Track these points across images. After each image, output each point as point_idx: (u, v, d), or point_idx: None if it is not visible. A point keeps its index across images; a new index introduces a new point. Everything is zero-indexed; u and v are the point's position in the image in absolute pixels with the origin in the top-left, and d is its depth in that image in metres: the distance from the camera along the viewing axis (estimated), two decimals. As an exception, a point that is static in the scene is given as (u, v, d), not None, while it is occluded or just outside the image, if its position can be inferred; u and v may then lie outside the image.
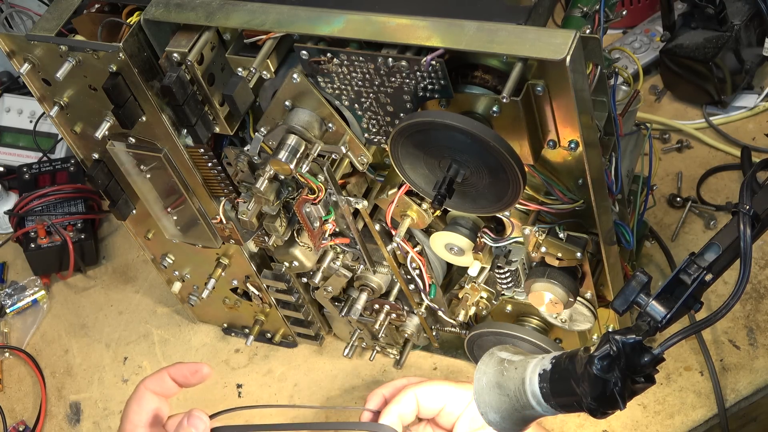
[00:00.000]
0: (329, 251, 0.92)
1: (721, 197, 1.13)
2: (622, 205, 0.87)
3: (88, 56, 0.76)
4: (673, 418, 0.95)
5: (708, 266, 0.67)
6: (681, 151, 1.20)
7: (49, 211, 1.24)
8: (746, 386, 0.96)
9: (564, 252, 0.80)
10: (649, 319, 0.66)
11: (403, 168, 0.74)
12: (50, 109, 0.82)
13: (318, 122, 0.75)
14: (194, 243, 0.96)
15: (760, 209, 0.67)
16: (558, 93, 0.67)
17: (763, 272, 1.05)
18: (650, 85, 1.27)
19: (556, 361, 0.69)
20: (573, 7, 0.77)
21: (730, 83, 1.18)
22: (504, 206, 0.73)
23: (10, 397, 1.14)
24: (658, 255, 1.09)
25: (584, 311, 0.87)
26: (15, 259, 1.28)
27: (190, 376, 0.80)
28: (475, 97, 0.69)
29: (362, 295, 0.94)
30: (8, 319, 1.22)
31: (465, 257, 0.85)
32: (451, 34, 0.66)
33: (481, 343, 0.95)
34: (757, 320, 1.01)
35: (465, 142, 0.67)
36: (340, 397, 0.80)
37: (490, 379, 0.72)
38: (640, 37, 1.30)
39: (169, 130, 0.81)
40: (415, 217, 0.82)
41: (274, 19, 0.72)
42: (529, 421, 0.72)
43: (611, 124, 0.80)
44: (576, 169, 0.73)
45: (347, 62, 0.70)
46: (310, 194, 0.80)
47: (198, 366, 0.80)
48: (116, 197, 0.91)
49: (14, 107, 1.40)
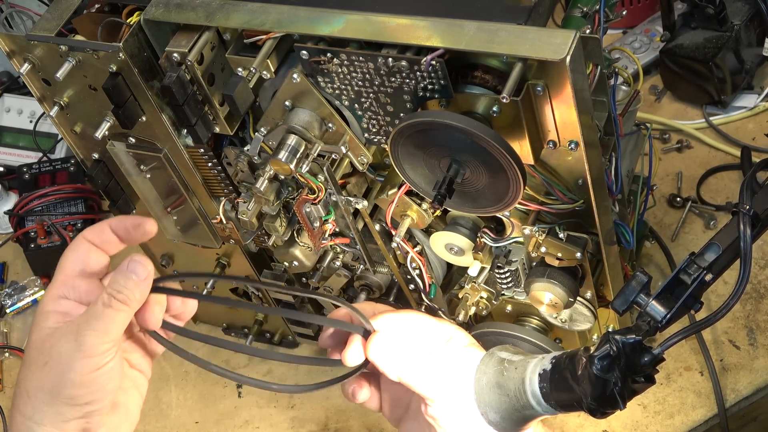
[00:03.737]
0: (329, 251, 0.92)
1: (721, 197, 1.13)
2: (622, 205, 0.87)
3: (88, 56, 0.76)
4: (673, 418, 0.95)
5: (708, 266, 0.67)
6: (681, 151, 1.20)
7: (49, 211, 1.24)
8: (746, 386, 0.96)
9: (564, 252, 0.80)
10: (649, 319, 0.66)
11: (403, 168, 0.74)
12: (50, 109, 0.82)
13: (318, 122, 0.75)
14: (194, 243, 0.96)
15: (760, 209, 0.67)
16: (558, 93, 0.67)
17: (763, 272, 1.05)
18: (650, 85, 1.27)
19: (556, 361, 0.69)
20: (573, 7, 0.77)
21: (730, 83, 1.18)
22: (504, 206, 0.73)
23: (10, 397, 1.14)
24: (658, 255, 1.09)
25: (584, 311, 0.87)
26: (15, 259, 1.28)
27: (132, 230, 0.72)
28: (475, 97, 0.69)
29: (362, 295, 0.94)
30: (8, 319, 1.22)
31: (465, 257, 0.85)
32: (451, 34, 0.66)
33: (481, 343, 0.95)
34: (757, 320, 1.01)
35: (465, 142, 0.67)
36: (340, 397, 0.80)
37: (490, 378, 0.72)
38: (640, 37, 1.30)
39: (169, 130, 0.81)
40: (415, 217, 0.82)
41: (274, 19, 0.72)
42: (529, 421, 0.72)
43: (611, 124, 0.80)
44: (576, 169, 0.73)
45: (347, 62, 0.70)
46: (310, 194, 0.80)
47: (140, 219, 0.73)
48: (116, 197, 0.91)
49: (14, 107, 1.40)
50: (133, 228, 0.72)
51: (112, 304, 0.67)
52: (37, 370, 0.68)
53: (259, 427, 1.06)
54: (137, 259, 0.69)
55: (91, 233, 0.72)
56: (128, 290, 0.68)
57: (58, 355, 0.67)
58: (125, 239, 0.73)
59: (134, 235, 0.73)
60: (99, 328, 0.67)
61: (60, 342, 0.67)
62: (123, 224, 0.72)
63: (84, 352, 0.66)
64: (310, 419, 1.04)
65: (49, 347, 0.68)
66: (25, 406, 0.68)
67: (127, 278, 0.68)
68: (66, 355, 0.67)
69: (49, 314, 0.70)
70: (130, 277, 0.68)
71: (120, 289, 0.68)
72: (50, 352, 0.68)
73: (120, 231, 0.73)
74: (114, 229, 0.72)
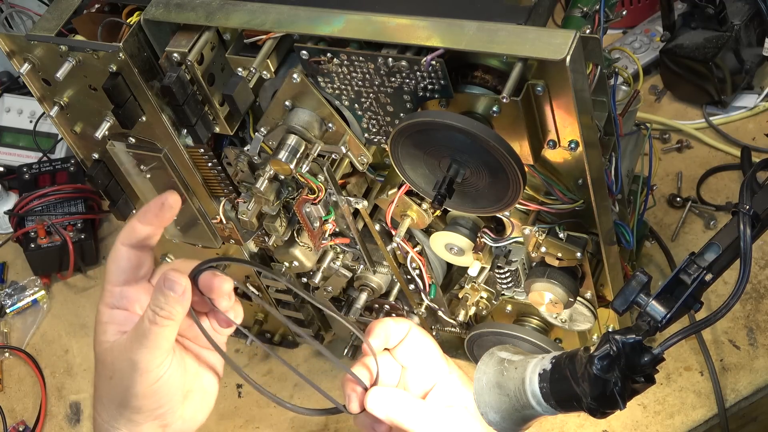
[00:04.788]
0: (329, 251, 0.92)
1: (721, 197, 1.13)
2: (622, 205, 0.87)
3: (88, 56, 0.76)
4: (673, 418, 0.95)
5: (708, 266, 0.67)
6: (681, 151, 1.20)
7: (49, 211, 1.24)
8: (746, 386, 0.96)
9: (564, 252, 0.80)
10: (649, 319, 0.66)
11: (403, 168, 0.74)
12: (50, 109, 0.82)
13: (318, 122, 0.75)
14: (194, 243, 0.96)
15: (760, 209, 0.67)
16: (558, 93, 0.67)
17: (763, 272, 1.05)
18: (650, 85, 1.27)
19: (556, 361, 0.69)
20: (573, 7, 0.77)
21: (730, 83, 1.18)
22: (504, 206, 0.73)
23: (10, 397, 1.14)
24: (658, 255, 1.09)
25: (584, 311, 0.87)
26: (15, 259, 1.29)
27: (159, 213, 0.74)
28: (475, 97, 0.69)
29: (362, 295, 0.94)
30: (8, 319, 1.22)
31: (465, 257, 0.85)
32: (451, 34, 0.66)
33: (481, 343, 0.95)
34: (757, 320, 1.01)
35: (465, 142, 0.67)
36: (340, 397, 0.80)
37: (490, 378, 0.72)
38: (640, 37, 1.30)
39: (169, 130, 0.80)
40: (415, 217, 0.82)
41: (274, 19, 0.72)
42: (529, 421, 0.72)
43: (611, 124, 0.80)
44: (576, 169, 0.73)
45: (347, 62, 0.70)
46: (310, 194, 0.80)
47: (162, 198, 0.74)
48: (116, 197, 0.91)
49: (14, 107, 1.40)
50: (159, 211, 0.74)
51: (157, 321, 0.70)
52: (105, 383, 0.73)
53: (259, 427, 1.06)
54: (172, 277, 0.71)
55: (125, 237, 0.74)
56: (170, 306, 0.70)
57: (120, 372, 0.71)
58: (158, 224, 0.74)
59: (164, 216, 0.74)
60: (149, 345, 0.70)
61: (119, 359, 0.71)
62: (148, 213, 0.74)
63: (140, 369, 0.70)
64: (310, 420, 1.04)
65: (110, 363, 0.72)
66: (102, 411, 0.73)
67: (166, 296, 0.70)
68: (125, 372, 0.71)
69: (107, 326, 0.73)
70: (168, 294, 0.70)
71: (162, 305, 0.70)
72: (113, 368, 0.72)
73: (150, 221, 0.74)
74: (143, 222, 0.74)
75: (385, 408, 0.77)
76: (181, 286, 0.71)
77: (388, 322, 0.81)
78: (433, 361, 0.82)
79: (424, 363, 0.82)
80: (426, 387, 0.81)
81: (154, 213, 0.74)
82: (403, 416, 0.77)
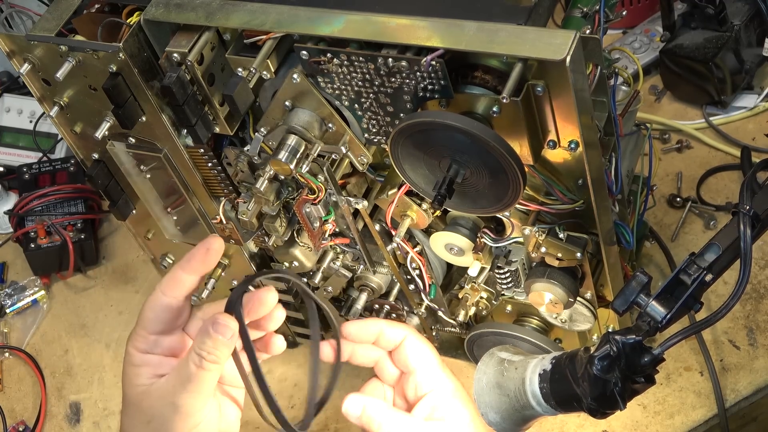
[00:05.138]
0: (329, 251, 0.92)
1: (721, 197, 1.13)
2: (622, 205, 0.87)
3: (88, 56, 0.76)
4: (673, 418, 0.95)
5: (708, 266, 0.67)
6: (681, 151, 1.20)
7: (49, 211, 1.24)
8: (746, 386, 0.96)
9: (564, 252, 0.80)
10: (649, 319, 0.66)
11: (403, 168, 0.74)
12: (50, 109, 0.82)
13: (318, 122, 0.75)
14: (194, 243, 0.96)
15: (760, 209, 0.67)
16: (558, 93, 0.67)
17: (763, 272, 1.05)
18: (650, 85, 1.27)
19: (556, 361, 0.69)
20: (573, 8, 0.77)
21: (730, 83, 1.18)
22: (504, 206, 0.73)
23: (10, 397, 1.14)
24: (658, 255, 1.09)
25: (584, 311, 0.87)
26: (15, 259, 1.29)
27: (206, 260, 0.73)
28: (475, 97, 0.69)
29: (362, 295, 0.94)
30: (8, 319, 1.22)
31: (465, 257, 0.85)
32: (451, 35, 0.66)
33: (481, 343, 0.95)
34: (757, 320, 1.01)
35: (465, 142, 0.67)
36: (340, 397, 0.80)
37: (490, 379, 0.72)
38: (640, 37, 1.30)
39: (169, 130, 0.80)
40: (415, 217, 0.82)
41: (274, 19, 0.72)
42: (529, 421, 0.72)
43: (611, 124, 0.80)
44: (576, 169, 0.73)
45: (347, 62, 0.70)
46: (310, 194, 0.80)
47: (206, 243, 0.73)
48: (116, 197, 0.91)
49: (14, 107, 1.40)
50: (204, 257, 0.73)
51: (203, 366, 0.70)
52: (141, 427, 0.72)
53: (259, 427, 1.06)
54: (222, 321, 0.70)
55: (169, 288, 0.73)
56: (218, 350, 0.70)
57: (160, 416, 0.71)
58: (203, 271, 0.74)
59: (209, 263, 0.74)
60: (193, 390, 0.70)
61: (159, 403, 0.71)
62: (192, 260, 0.73)
63: (182, 414, 0.70)
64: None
65: (148, 407, 0.71)
66: None
67: (215, 340, 0.69)
68: (166, 417, 0.70)
69: (140, 369, 0.73)
70: (217, 338, 0.69)
71: (209, 350, 0.69)
72: (151, 412, 0.71)
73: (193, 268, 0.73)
74: (187, 270, 0.73)
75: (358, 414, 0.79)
76: (231, 330, 0.70)
77: (380, 324, 0.81)
78: (430, 369, 0.82)
79: (420, 371, 0.82)
80: (419, 395, 0.81)
81: (199, 260, 0.73)
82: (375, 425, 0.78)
